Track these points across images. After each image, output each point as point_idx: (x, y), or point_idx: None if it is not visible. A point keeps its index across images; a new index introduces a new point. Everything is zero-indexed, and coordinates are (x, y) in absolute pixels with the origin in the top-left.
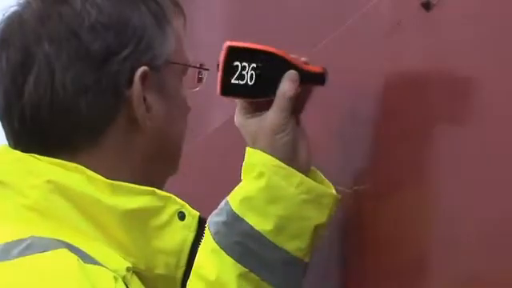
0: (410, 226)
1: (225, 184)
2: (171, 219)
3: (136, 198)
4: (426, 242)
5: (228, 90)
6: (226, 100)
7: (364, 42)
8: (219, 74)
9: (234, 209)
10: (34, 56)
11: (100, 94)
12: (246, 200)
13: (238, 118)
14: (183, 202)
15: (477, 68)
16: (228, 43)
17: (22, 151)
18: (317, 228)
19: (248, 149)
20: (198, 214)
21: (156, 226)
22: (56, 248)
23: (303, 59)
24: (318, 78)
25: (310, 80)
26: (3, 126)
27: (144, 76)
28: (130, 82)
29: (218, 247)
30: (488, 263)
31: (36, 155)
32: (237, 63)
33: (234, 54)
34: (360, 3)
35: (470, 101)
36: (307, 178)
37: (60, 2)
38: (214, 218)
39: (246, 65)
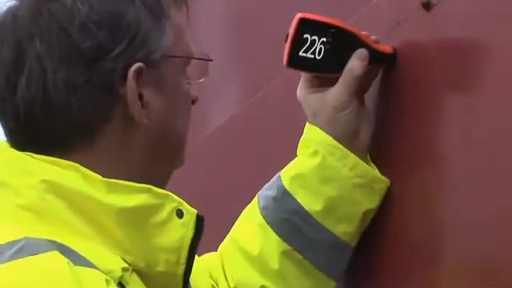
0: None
1: (225, 183)
2: (169, 217)
3: (132, 196)
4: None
5: (294, 61)
6: (226, 100)
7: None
8: (287, 44)
9: (284, 185)
10: (26, 54)
11: (92, 93)
12: (298, 177)
13: (301, 92)
14: (181, 200)
15: (477, 68)
16: (300, 14)
17: (18, 149)
18: (366, 213)
19: (307, 124)
20: (195, 211)
21: (154, 223)
22: (47, 251)
23: (373, 37)
24: (388, 58)
25: (379, 60)
26: (1, 124)
27: (139, 72)
28: (125, 79)
29: (265, 222)
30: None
31: (31, 154)
32: (306, 36)
33: (304, 25)
34: (360, 3)
35: (470, 101)
36: (362, 162)
37: None
38: (265, 192)
39: (316, 38)
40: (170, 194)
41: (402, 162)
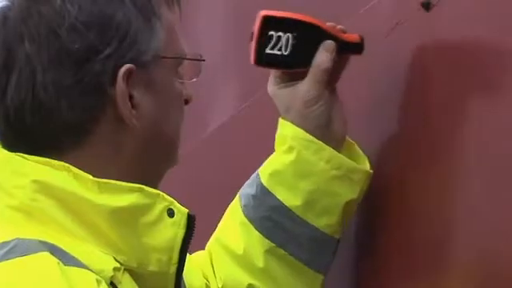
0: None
1: (224, 183)
2: (161, 216)
3: (124, 195)
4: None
5: (262, 59)
6: (226, 100)
7: (364, 41)
8: (253, 43)
9: (263, 182)
10: (16, 55)
11: (82, 95)
12: (275, 174)
13: (271, 88)
14: (172, 199)
15: (477, 68)
16: (263, 12)
17: (10, 150)
18: (347, 204)
19: (280, 119)
20: (186, 210)
21: (146, 223)
22: (38, 251)
23: (339, 27)
24: (355, 48)
25: (347, 50)
26: None
27: (129, 74)
28: (115, 80)
29: (247, 220)
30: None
31: (23, 154)
32: (272, 32)
33: (269, 23)
34: (360, 3)
35: (469, 101)
36: (338, 153)
37: (41, 0)
38: (245, 190)
39: (281, 34)
40: (161, 193)
41: (403, 162)
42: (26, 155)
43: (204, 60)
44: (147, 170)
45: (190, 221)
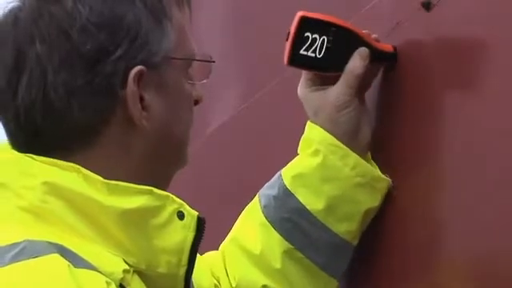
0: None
1: (225, 184)
2: (171, 218)
3: (133, 197)
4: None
5: (295, 60)
6: (226, 100)
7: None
8: (288, 43)
9: (285, 184)
10: (27, 57)
11: (92, 96)
12: (299, 176)
13: (302, 90)
14: (182, 202)
15: (477, 67)
16: (301, 13)
17: (20, 151)
18: (367, 212)
19: (308, 122)
20: (196, 213)
21: (156, 225)
22: (48, 253)
23: (374, 36)
24: (389, 57)
25: (380, 58)
26: (2, 125)
27: (139, 75)
28: (125, 81)
29: (266, 221)
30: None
31: (32, 155)
32: (308, 34)
33: (305, 24)
34: (360, 3)
35: (470, 100)
36: (363, 161)
37: (52, 1)
38: (266, 191)
39: (317, 36)
40: (170, 195)
41: (403, 162)
42: (35, 156)
43: (214, 61)
44: (157, 171)
45: (200, 223)
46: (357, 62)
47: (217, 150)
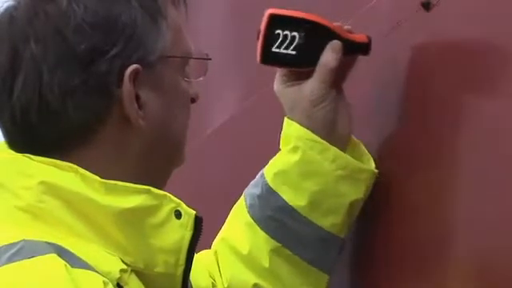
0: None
1: (225, 183)
2: (168, 218)
3: (131, 197)
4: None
5: (268, 58)
6: (226, 100)
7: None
8: (259, 41)
9: (268, 182)
10: (22, 56)
11: (88, 95)
12: (280, 174)
13: (277, 86)
14: (179, 201)
15: (477, 68)
16: (270, 11)
17: (17, 151)
18: (352, 204)
19: (285, 119)
20: (194, 212)
21: (153, 224)
22: (45, 253)
23: (347, 27)
24: (362, 48)
25: (354, 50)
26: None
27: (135, 74)
28: (121, 80)
29: (252, 220)
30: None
31: (30, 155)
32: (278, 31)
33: (275, 21)
34: (360, 3)
35: (470, 100)
36: (343, 153)
37: (47, 0)
38: (250, 190)
39: (288, 33)
40: (168, 194)
41: (403, 160)
42: (32, 156)
43: (210, 59)
44: (153, 170)
45: (197, 222)
46: (329, 56)
47: (216, 150)
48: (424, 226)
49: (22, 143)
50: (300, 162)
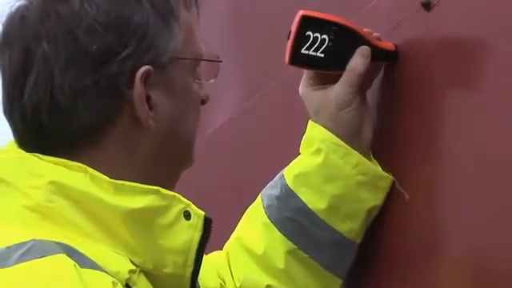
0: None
1: (225, 184)
2: (177, 218)
3: (140, 197)
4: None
5: (297, 59)
6: (226, 101)
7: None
8: (290, 42)
9: (288, 183)
10: (34, 56)
11: (99, 96)
12: (301, 176)
13: (303, 89)
14: (188, 202)
15: (477, 67)
16: (302, 12)
17: (26, 150)
18: (370, 210)
19: (310, 122)
20: (203, 213)
21: (162, 225)
22: (54, 253)
23: (375, 34)
24: (390, 56)
25: (382, 57)
26: (9, 124)
27: (146, 75)
28: (132, 81)
29: (269, 221)
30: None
31: (39, 155)
32: (309, 33)
33: (306, 23)
34: (360, 3)
35: (470, 100)
36: (365, 159)
37: (59, 0)
38: (268, 191)
39: (318, 35)
40: (177, 195)
41: (403, 161)
42: (41, 155)
43: (221, 61)
44: (163, 171)
45: (207, 223)
46: (358, 61)
47: (217, 150)
48: (422, 228)
49: (32, 143)
50: (322, 164)
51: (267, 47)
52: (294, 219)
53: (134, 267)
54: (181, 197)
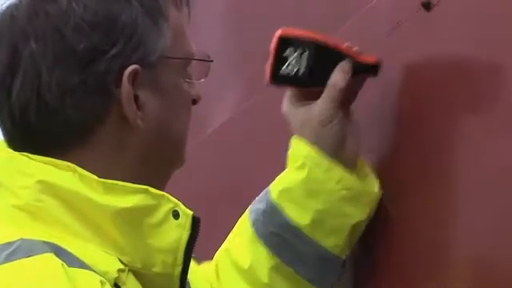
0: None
1: (224, 184)
2: (166, 218)
3: (129, 196)
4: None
5: (277, 78)
6: (225, 101)
7: (364, 42)
8: (269, 62)
9: (273, 198)
10: (21, 55)
11: (86, 95)
12: (286, 191)
13: (287, 106)
14: (177, 201)
15: (477, 68)
16: (280, 32)
17: (15, 150)
18: (356, 225)
19: (293, 138)
20: (191, 212)
21: (151, 224)
22: (42, 252)
23: (356, 48)
24: (371, 69)
25: (363, 71)
26: None
27: (134, 74)
28: (120, 80)
29: (255, 236)
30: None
31: (29, 154)
32: (288, 52)
33: (285, 42)
34: (360, 3)
35: (469, 101)
36: (348, 174)
37: None
38: (256, 205)
39: (298, 53)
40: (166, 194)
41: (406, 164)
42: (31, 155)
43: (212, 61)
44: (153, 170)
45: (195, 223)
46: (338, 76)
47: (216, 150)
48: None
49: (21, 142)
50: (305, 179)
51: (267, 47)
52: (278, 234)
53: (122, 266)
54: (169, 196)
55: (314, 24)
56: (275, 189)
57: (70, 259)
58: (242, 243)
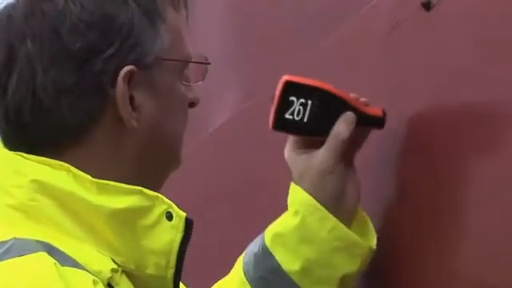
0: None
1: (224, 185)
2: (160, 219)
3: (123, 197)
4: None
5: (280, 124)
6: (226, 101)
7: (364, 41)
8: (274, 107)
9: (266, 242)
10: (17, 55)
11: (82, 95)
12: (279, 236)
13: (289, 152)
14: (171, 202)
15: (477, 68)
16: (286, 77)
17: (10, 149)
18: (344, 277)
19: (292, 184)
20: (184, 214)
21: (145, 225)
22: (35, 251)
23: (363, 100)
24: (377, 121)
25: (368, 123)
26: None
27: (130, 75)
28: (115, 81)
29: (245, 278)
30: None
31: (23, 154)
32: (293, 98)
33: (291, 88)
34: (360, 3)
35: (470, 100)
36: (342, 225)
37: None
38: (251, 247)
39: (303, 101)
40: (160, 196)
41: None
42: (25, 154)
43: (209, 63)
44: (148, 172)
45: (188, 225)
46: (342, 127)
47: (216, 150)
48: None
49: (16, 141)
50: (299, 226)
51: (267, 47)
52: (267, 279)
53: (116, 266)
54: (163, 197)
55: (314, 24)
56: (270, 232)
57: (62, 258)
58: (232, 284)
